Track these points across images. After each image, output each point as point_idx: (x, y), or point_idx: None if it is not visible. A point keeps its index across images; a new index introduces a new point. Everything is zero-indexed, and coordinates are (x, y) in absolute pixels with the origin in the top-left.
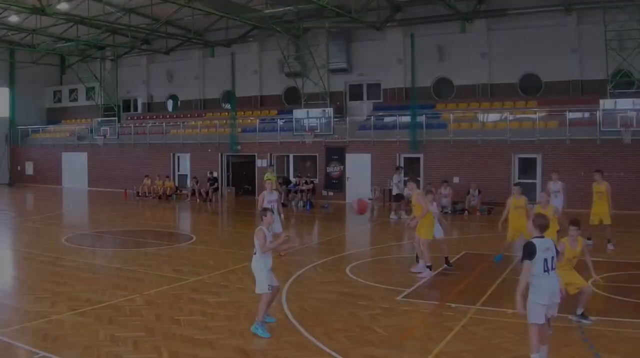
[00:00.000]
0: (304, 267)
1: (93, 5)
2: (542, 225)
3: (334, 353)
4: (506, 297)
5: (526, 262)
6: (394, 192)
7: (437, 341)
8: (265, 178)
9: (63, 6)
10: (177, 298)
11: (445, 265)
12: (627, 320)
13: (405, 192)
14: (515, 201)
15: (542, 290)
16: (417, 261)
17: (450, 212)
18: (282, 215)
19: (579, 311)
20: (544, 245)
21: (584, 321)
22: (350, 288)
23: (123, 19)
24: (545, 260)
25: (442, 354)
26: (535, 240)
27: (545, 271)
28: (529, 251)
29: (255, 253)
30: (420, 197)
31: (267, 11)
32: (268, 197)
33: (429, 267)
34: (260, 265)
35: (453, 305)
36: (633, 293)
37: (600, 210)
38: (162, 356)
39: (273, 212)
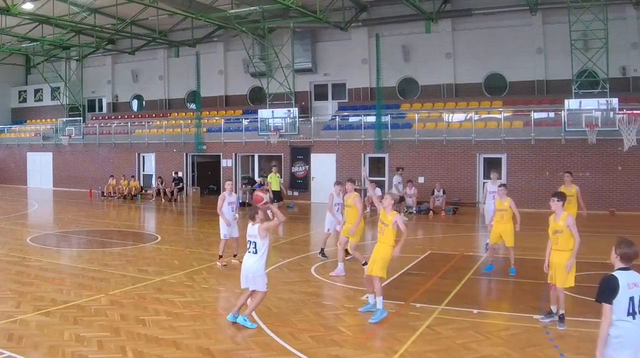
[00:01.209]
0: (269, 267)
1: (58, 5)
2: (627, 255)
3: (298, 353)
4: (471, 297)
5: (605, 306)
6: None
7: (402, 341)
8: (268, 178)
9: (28, 6)
10: (142, 298)
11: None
12: (592, 320)
13: (369, 192)
14: (499, 203)
15: (624, 344)
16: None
17: (415, 212)
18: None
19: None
20: (630, 280)
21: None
22: (315, 288)
23: (88, 19)
24: (632, 299)
25: (407, 354)
26: (618, 274)
27: (630, 315)
28: (609, 289)
29: (254, 253)
30: (358, 199)
31: (232, 11)
32: (228, 198)
33: (340, 266)
34: (263, 265)
35: (418, 305)
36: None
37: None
38: (127, 356)
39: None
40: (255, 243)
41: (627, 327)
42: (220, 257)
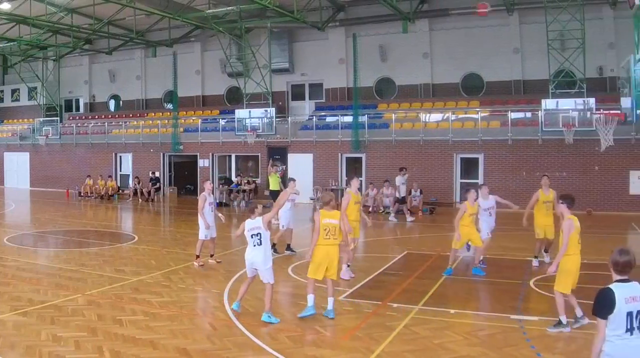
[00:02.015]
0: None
1: (35, 5)
2: (617, 263)
3: (276, 353)
4: (448, 297)
5: (600, 321)
6: (399, 194)
7: (380, 341)
8: (269, 177)
9: (5, 6)
10: (119, 298)
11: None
12: (569, 320)
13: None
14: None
15: None
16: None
17: (392, 211)
18: (222, 216)
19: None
20: (629, 293)
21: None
22: (292, 288)
23: (65, 19)
24: (630, 314)
25: (384, 354)
26: (615, 286)
27: (627, 331)
28: (604, 303)
29: (259, 245)
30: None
31: (209, 11)
32: (208, 199)
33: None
34: (270, 256)
35: (395, 305)
36: (575, 293)
37: (547, 222)
38: (104, 356)
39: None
40: (260, 234)
41: (623, 344)
42: (198, 257)
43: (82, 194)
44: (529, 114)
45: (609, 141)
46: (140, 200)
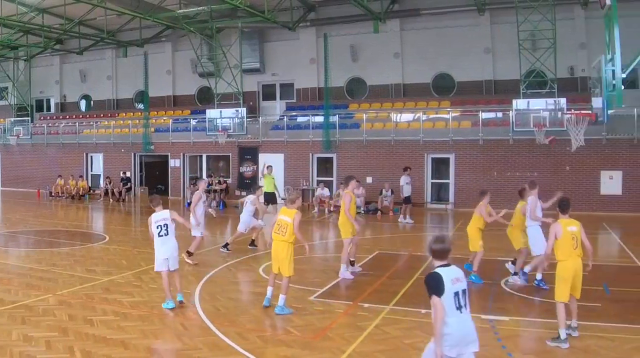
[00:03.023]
0: (217, 267)
1: (6, 5)
2: (437, 251)
3: (247, 353)
4: (419, 297)
5: (437, 299)
6: (403, 194)
7: (350, 341)
8: (263, 178)
9: None
10: (90, 298)
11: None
12: (540, 320)
13: (319, 192)
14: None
15: (451, 338)
16: None
17: (363, 212)
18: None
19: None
20: (452, 275)
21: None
22: (263, 288)
23: (36, 19)
24: (456, 294)
25: (355, 354)
26: (440, 270)
27: (457, 309)
28: (436, 283)
29: (167, 236)
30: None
31: (180, 11)
32: (202, 197)
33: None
34: (177, 247)
35: (366, 305)
36: (545, 293)
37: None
38: (75, 356)
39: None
40: (166, 225)
41: (457, 321)
42: (191, 254)
43: (53, 194)
44: (500, 114)
45: (580, 141)
46: (111, 200)
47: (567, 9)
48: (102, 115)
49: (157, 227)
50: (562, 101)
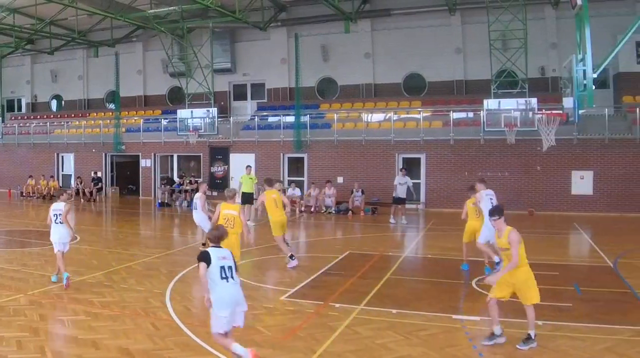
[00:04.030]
0: (188, 267)
1: None
2: (211, 237)
3: (217, 353)
4: (390, 297)
5: (202, 265)
6: (396, 194)
7: (322, 341)
8: (240, 179)
9: None
10: (61, 299)
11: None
12: (511, 320)
13: (290, 192)
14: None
15: (224, 302)
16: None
17: (334, 212)
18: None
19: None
20: (219, 254)
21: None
22: None
23: (7, 19)
24: (222, 268)
25: (326, 354)
26: (210, 250)
27: (223, 279)
28: (204, 257)
29: (62, 223)
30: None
31: (151, 11)
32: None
33: (291, 257)
34: (68, 234)
35: (337, 305)
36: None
37: (479, 226)
38: (46, 356)
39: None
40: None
41: (223, 288)
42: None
43: (24, 194)
44: (471, 114)
45: (550, 141)
46: (82, 200)
47: (537, 9)
48: (73, 115)
49: (54, 216)
50: (533, 101)
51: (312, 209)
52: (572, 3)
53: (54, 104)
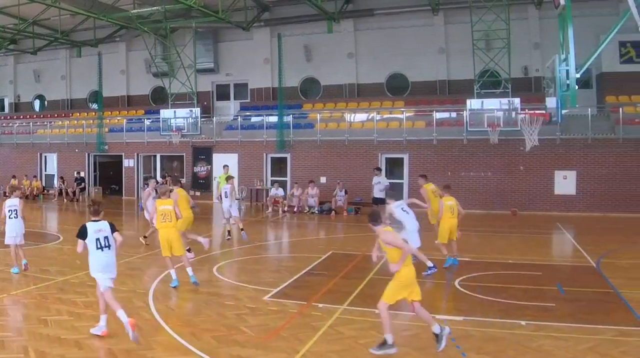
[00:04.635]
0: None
1: None
2: (91, 210)
3: (200, 353)
4: (373, 297)
5: (79, 241)
6: (373, 194)
7: (305, 341)
8: (218, 178)
9: None
10: (44, 298)
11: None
12: (494, 320)
13: (273, 192)
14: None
15: (98, 267)
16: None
17: (317, 212)
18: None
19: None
20: (96, 228)
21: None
22: (217, 288)
23: None
24: (98, 239)
25: (309, 354)
26: (88, 224)
27: (98, 249)
28: (80, 232)
29: (16, 218)
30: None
31: (134, 11)
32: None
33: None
34: (21, 228)
35: (320, 305)
36: (500, 293)
37: (454, 224)
38: (30, 356)
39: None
40: (16, 211)
41: (97, 256)
42: (146, 237)
43: (6, 194)
44: (454, 114)
45: (533, 141)
46: (65, 200)
47: (521, 9)
48: (56, 115)
49: (9, 211)
50: (516, 101)
51: (295, 209)
52: (555, 3)
53: (36, 104)
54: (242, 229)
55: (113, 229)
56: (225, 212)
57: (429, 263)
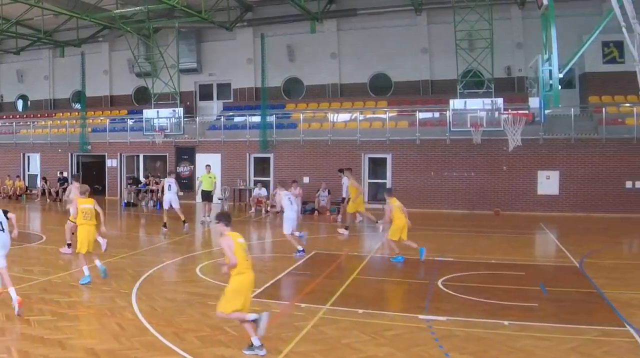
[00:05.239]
0: (154, 267)
1: None
2: None
3: (184, 353)
4: (356, 297)
5: None
6: (344, 194)
7: (287, 341)
8: (200, 178)
9: None
10: (27, 298)
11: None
12: (477, 320)
13: (256, 192)
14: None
15: None
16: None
17: (300, 212)
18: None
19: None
20: None
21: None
22: (200, 288)
23: None
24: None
25: (293, 354)
26: None
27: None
28: None
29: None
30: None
31: (117, 11)
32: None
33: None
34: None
35: (303, 305)
36: (483, 293)
37: (405, 223)
38: (13, 356)
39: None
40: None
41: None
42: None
43: None
44: (437, 114)
45: (516, 141)
46: (48, 200)
47: (504, 9)
48: (39, 115)
49: None
50: (499, 101)
51: (278, 209)
52: (538, 3)
53: (19, 104)
54: (184, 221)
55: (5, 213)
56: (165, 203)
57: (299, 247)
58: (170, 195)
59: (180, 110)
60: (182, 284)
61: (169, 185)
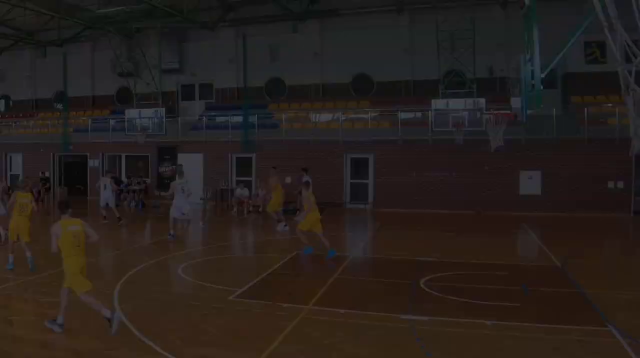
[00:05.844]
0: (136, 267)
1: None
2: None
3: (166, 354)
4: (338, 297)
5: None
6: None
7: (270, 341)
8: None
9: None
10: (9, 299)
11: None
12: (459, 320)
13: (238, 192)
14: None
15: None
16: None
17: (281, 212)
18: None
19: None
20: None
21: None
22: (182, 289)
23: None
24: None
25: (275, 354)
26: None
27: None
28: None
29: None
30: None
31: (99, 11)
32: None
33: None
34: None
35: (285, 305)
36: (465, 293)
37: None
38: None
39: None
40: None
41: None
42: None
43: None
44: (419, 114)
45: (499, 141)
46: None
47: (486, 9)
48: (21, 115)
49: None
50: (481, 101)
51: (260, 209)
52: (521, 3)
53: (1, 104)
54: (119, 218)
55: None
56: (101, 201)
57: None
58: (107, 194)
59: (162, 111)
60: (164, 284)
61: (104, 185)
